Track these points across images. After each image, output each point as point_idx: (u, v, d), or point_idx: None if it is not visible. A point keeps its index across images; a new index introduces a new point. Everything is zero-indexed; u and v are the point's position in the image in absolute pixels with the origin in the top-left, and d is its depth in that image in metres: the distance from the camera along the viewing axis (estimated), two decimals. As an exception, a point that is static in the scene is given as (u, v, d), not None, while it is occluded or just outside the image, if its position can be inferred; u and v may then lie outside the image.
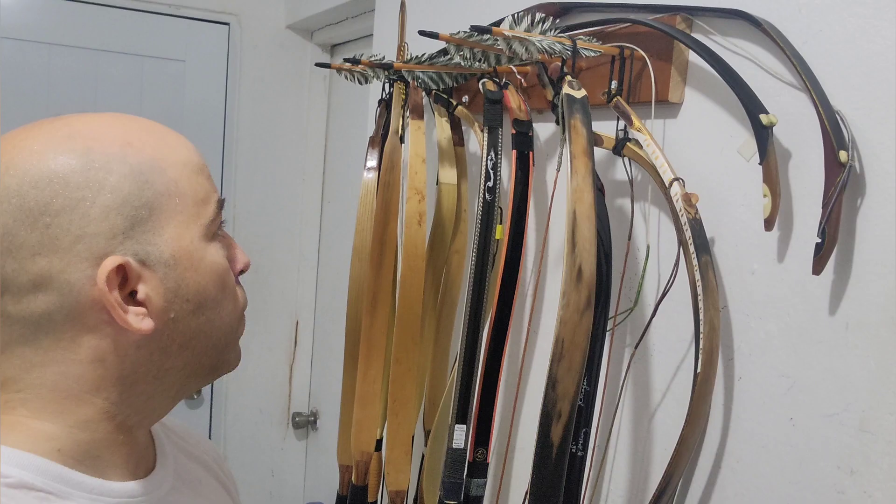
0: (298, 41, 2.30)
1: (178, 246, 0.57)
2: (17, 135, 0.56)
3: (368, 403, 1.20)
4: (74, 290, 0.54)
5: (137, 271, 0.55)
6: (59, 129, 0.56)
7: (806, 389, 0.78)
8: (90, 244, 0.53)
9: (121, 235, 0.54)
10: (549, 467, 0.83)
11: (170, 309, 0.57)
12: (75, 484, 0.55)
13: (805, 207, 0.78)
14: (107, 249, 0.54)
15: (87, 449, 0.57)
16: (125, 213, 0.55)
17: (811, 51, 0.77)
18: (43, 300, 0.54)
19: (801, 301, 0.78)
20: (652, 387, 0.96)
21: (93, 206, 0.54)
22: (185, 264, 0.58)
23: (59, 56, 2.04)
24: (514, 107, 1.05)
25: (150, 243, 0.56)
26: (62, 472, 0.55)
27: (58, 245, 0.53)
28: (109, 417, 0.58)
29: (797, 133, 0.79)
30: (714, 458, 0.87)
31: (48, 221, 0.53)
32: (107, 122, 0.58)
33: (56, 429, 0.56)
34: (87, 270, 0.54)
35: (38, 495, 0.53)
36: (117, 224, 0.54)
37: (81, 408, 0.57)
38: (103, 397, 0.57)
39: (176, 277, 0.57)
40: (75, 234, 0.53)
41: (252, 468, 2.41)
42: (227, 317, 0.62)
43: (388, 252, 1.17)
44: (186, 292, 0.58)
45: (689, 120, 0.92)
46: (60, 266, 0.53)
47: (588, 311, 0.80)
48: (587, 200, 0.81)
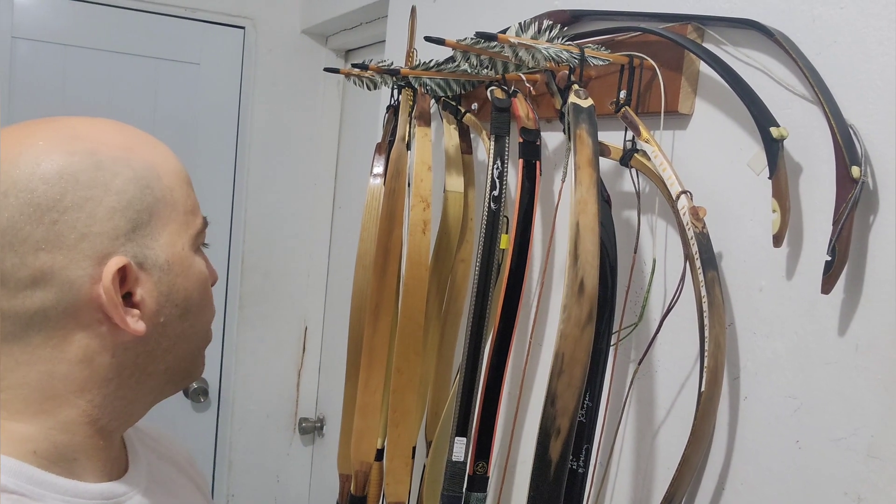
0: (313, 46, 2.30)
1: (171, 252, 0.59)
2: (18, 131, 0.57)
3: (369, 413, 1.18)
4: (74, 288, 0.54)
5: (136, 273, 0.57)
6: (62, 129, 0.57)
7: (813, 412, 0.75)
8: (94, 243, 0.54)
9: (123, 237, 0.56)
10: (548, 484, 0.81)
11: (160, 313, 0.59)
12: (49, 485, 0.55)
13: (816, 224, 0.76)
14: (109, 249, 0.55)
15: (64, 452, 0.57)
16: (128, 216, 0.56)
17: (824, 62, 0.75)
18: (40, 296, 0.54)
19: (809, 320, 0.76)
20: (656, 404, 0.93)
21: (99, 206, 0.55)
22: (176, 270, 0.59)
23: (75, 57, 2.05)
24: (522, 115, 1.03)
25: (148, 247, 0.57)
26: (36, 475, 0.55)
27: (63, 242, 0.54)
28: (90, 421, 0.58)
29: (809, 147, 0.77)
30: (717, 479, 0.85)
31: (55, 217, 0.53)
32: (107, 127, 0.60)
33: (34, 430, 0.56)
34: (89, 269, 0.54)
35: (10, 497, 0.53)
36: (120, 226, 0.56)
37: (63, 409, 0.57)
38: (87, 399, 0.58)
39: (168, 282, 0.59)
40: (81, 231, 0.54)
41: (257, 473, 2.40)
42: (206, 324, 0.65)
43: (392, 260, 1.15)
44: (176, 297, 0.60)
45: (698, 132, 0.90)
46: (63, 263, 0.54)
47: (589, 325, 0.78)
48: (591, 212, 0.79)
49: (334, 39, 2.27)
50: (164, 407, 0.65)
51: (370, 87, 1.28)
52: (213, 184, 2.23)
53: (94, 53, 2.07)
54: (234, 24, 2.21)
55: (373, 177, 1.24)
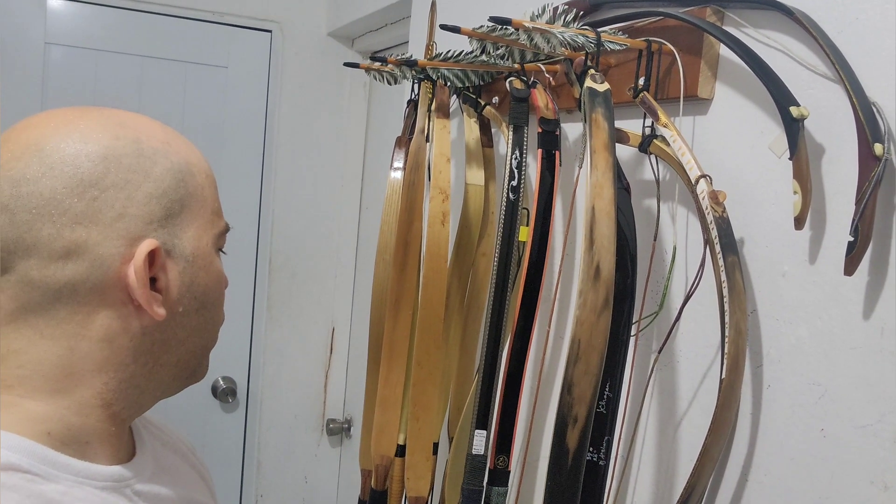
0: (339, 48, 2.31)
1: (197, 245, 0.62)
2: (70, 112, 0.59)
3: (390, 407, 1.18)
4: (105, 265, 0.56)
5: (163, 260, 0.59)
6: (110, 116, 0.60)
7: (838, 398, 0.73)
8: (129, 224, 0.57)
9: (156, 223, 0.58)
10: (564, 475, 0.79)
11: (180, 303, 0.61)
12: (62, 466, 0.56)
13: (838, 205, 0.74)
14: (142, 232, 0.57)
15: (77, 434, 0.58)
16: (163, 204, 0.59)
17: (846, 41, 0.73)
18: (71, 269, 0.55)
19: (833, 304, 0.74)
20: (678, 394, 0.92)
21: (138, 190, 0.57)
22: (199, 264, 0.62)
23: (106, 62, 2.09)
24: (542, 105, 1.02)
25: (176, 237, 0.60)
26: (49, 455, 0.56)
27: (100, 218, 0.56)
28: (104, 404, 0.59)
29: (831, 127, 0.75)
30: (741, 469, 0.83)
31: (96, 195, 0.56)
32: (149, 121, 0.63)
33: (49, 411, 0.57)
34: (121, 248, 0.56)
35: (24, 476, 0.54)
36: (155, 211, 0.58)
37: (80, 389, 0.58)
38: (103, 381, 0.59)
39: (192, 274, 0.61)
40: (118, 211, 0.56)
41: (286, 474, 2.41)
42: (218, 323, 0.67)
43: (412, 253, 1.15)
44: (196, 290, 0.62)
45: (719, 116, 0.88)
46: (98, 238, 0.56)
47: (606, 311, 0.77)
48: (606, 196, 0.78)
49: (360, 41, 2.28)
50: (193, 407, 0.67)
51: (390, 81, 1.28)
52: (241, 185, 2.25)
53: (125, 58, 2.10)
54: (261, 27, 2.23)
55: (393, 170, 1.24)
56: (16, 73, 2.00)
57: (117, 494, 0.59)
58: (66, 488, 0.55)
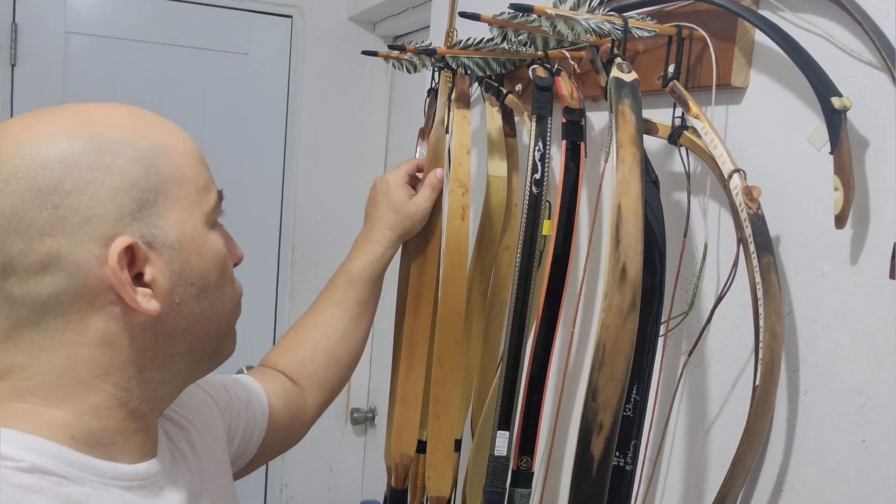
0: (361, 33, 2.28)
1: (182, 230, 0.59)
2: (26, 119, 0.57)
3: (410, 404, 1.15)
4: (82, 271, 0.55)
5: (144, 253, 0.57)
6: (69, 114, 0.57)
7: (880, 408, 0.69)
8: (99, 225, 0.55)
9: (128, 217, 0.56)
10: (590, 483, 0.76)
11: (174, 292, 0.59)
12: (87, 468, 0.56)
13: (883, 202, 0.69)
14: (115, 230, 0.55)
15: (100, 437, 0.58)
16: (132, 196, 0.56)
17: (893, 25, 0.68)
18: (50, 281, 0.54)
19: (876, 308, 0.69)
20: (708, 398, 0.88)
21: (101, 188, 0.55)
22: (189, 248, 0.59)
23: (126, 50, 2.08)
24: (566, 94, 0.98)
25: (156, 226, 0.57)
26: (74, 457, 0.56)
27: (66, 225, 0.54)
28: (120, 404, 0.59)
29: (876, 119, 0.70)
30: (776, 479, 0.79)
31: (57, 202, 0.54)
32: (115, 110, 0.60)
33: (68, 416, 0.57)
34: (96, 251, 0.55)
35: (51, 479, 0.54)
36: (125, 206, 0.56)
37: (92, 394, 0.57)
38: (112, 382, 0.58)
39: (181, 261, 0.59)
40: (84, 214, 0.54)
41: (310, 462, 2.41)
42: (228, 302, 0.64)
43: (432, 247, 1.12)
44: (190, 276, 0.60)
45: (754, 106, 0.83)
46: (69, 246, 0.54)
47: (633, 314, 0.73)
48: (634, 193, 0.74)
49: (382, 26, 2.24)
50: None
51: (409, 69, 1.24)
52: (263, 173, 2.23)
53: (145, 46, 2.09)
54: (282, 13, 2.20)
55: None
56: (37, 63, 1.99)
57: (143, 492, 0.60)
58: (91, 490, 0.56)
